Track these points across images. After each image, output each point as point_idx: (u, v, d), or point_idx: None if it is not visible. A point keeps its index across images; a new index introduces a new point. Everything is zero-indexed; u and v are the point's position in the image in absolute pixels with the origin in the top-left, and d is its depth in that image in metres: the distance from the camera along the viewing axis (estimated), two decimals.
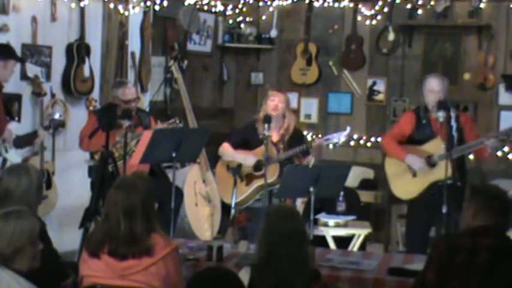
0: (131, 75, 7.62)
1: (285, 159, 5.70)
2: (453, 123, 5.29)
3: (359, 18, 8.19)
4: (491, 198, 3.54)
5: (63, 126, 6.38)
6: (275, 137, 5.76)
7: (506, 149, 7.48)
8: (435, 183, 5.53)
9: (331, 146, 5.88)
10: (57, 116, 6.15)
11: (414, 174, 5.68)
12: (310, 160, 5.81)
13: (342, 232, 6.68)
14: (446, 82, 5.71)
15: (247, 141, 5.87)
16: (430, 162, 5.60)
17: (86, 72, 7.02)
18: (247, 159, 5.77)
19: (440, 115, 5.28)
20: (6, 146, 5.68)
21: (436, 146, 5.59)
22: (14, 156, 5.72)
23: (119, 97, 6.12)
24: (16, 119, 6.28)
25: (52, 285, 3.74)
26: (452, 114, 5.46)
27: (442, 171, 5.43)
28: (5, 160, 5.66)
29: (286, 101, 5.85)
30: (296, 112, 8.52)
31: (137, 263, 3.49)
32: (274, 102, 5.78)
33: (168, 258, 3.52)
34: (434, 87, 5.63)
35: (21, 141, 5.84)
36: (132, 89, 6.30)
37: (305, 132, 8.38)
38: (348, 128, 5.78)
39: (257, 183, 5.74)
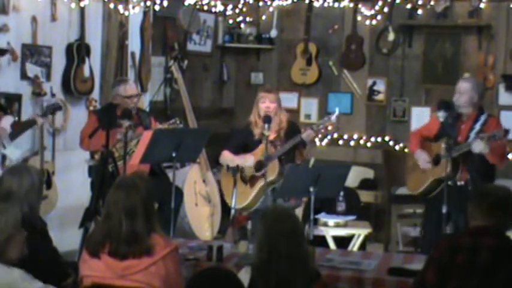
0: (131, 75, 7.61)
1: (284, 154, 5.70)
2: (478, 126, 5.39)
3: (359, 18, 8.19)
4: (495, 199, 3.54)
5: (60, 109, 6.32)
6: (271, 135, 5.73)
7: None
8: (438, 180, 5.54)
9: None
10: (51, 102, 6.14)
11: (423, 170, 5.73)
12: (310, 151, 5.80)
13: (342, 232, 6.68)
14: (475, 83, 5.74)
15: (245, 144, 5.87)
16: (437, 160, 5.63)
17: (86, 72, 7.02)
18: (246, 160, 5.77)
19: (440, 115, 5.29)
20: (3, 142, 5.67)
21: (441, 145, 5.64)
22: (13, 152, 5.71)
23: (120, 94, 6.11)
24: (16, 117, 6.28)
25: (52, 285, 3.73)
26: (482, 117, 5.57)
27: (441, 169, 5.46)
28: (4, 157, 5.65)
29: (276, 99, 5.83)
30: (296, 112, 8.54)
31: (137, 262, 3.49)
32: (265, 104, 5.77)
33: (168, 258, 3.52)
34: (461, 89, 5.67)
35: (17, 131, 5.84)
36: (133, 85, 6.32)
37: None
38: (337, 110, 5.78)
39: (261, 183, 5.73)
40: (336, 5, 8.24)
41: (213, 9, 8.47)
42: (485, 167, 5.58)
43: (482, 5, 7.71)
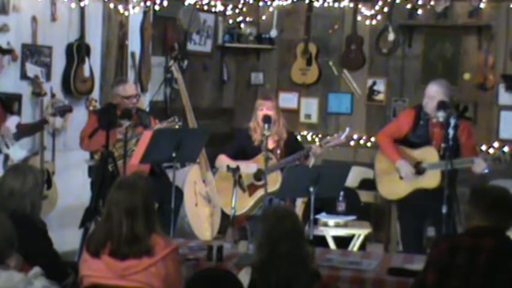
0: (131, 75, 7.62)
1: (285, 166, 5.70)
2: (451, 130, 5.13)
3: (359, 18, 8.19)
4: (493, 198, 3.54)
5: (70, 111, 6.25)
6: (270, 144, 5.67)
7: (506, 149, 7.47)
8: (420, 189, 5.52)
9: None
10: (61, 103, 6.14)
11: (401, 176, 5.66)
12: (311, 161, 5.82)
13: (342, 232, 6.68)
14: (445, 87, 5.63)
15: (243, 150, 5.85)
16: (419, 169, 5.57)
17: (86, 72, 7.02)
18: (248, 167, 5.73)
19: (440, 115, 5.26)
20: (7, 142, 5.66)
21: (427, 154, 5.56)
22: (18, 152, 5.71)
23: (119, 94, 6.11)
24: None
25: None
26: (452, 121, 5.21)
27: (429, 180, 5.44)
28: (6, 156, 5.64)
29: (274, 107, 5.80)
30: (296, 112, 8.55)
31: (137, 263, 3.49)
32: (262, 112, 5.75)
33: (167, 258, 3.52)
34: (430, 93, 5.60)
35: (23, 131, 5.84)
36: (133, 85, 6.32)
37: (305, 133, 8.42)
38: (347, 129, 5.80)
39: (260, 193, 5.69)
40: (336, 5, 8.23)
41: (213, 9, 8.47)
42: (453, 172, 5.54)
43: (482, 5, 7.71)
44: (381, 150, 5.89)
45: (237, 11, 8.65)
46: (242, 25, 8.75)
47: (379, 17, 8.11)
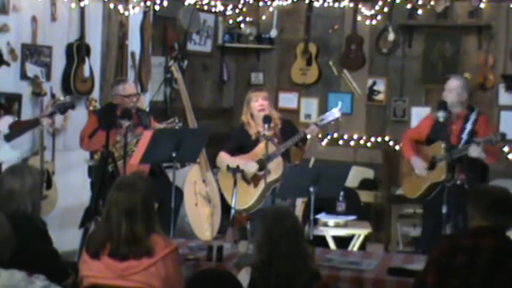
0: (131, 75, 7.62)
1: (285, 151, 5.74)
2: (469, 125, 5.46)
3: (359, 18, 8.19)
4: (493, 199, 3.54)
5: (73, 108, 6.07)
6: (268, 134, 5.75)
7: (506, 149, 7.49)
8: (435, 184, 5.56)
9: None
10: (63, 100, 6.13)
11: (419, 175, 5.80)
12: (311, 148, 5.85)
13: (342, 232, 6.68)
14: (465, 82, 5.85)
15: (241, 145, 5.89)
16: (432, 164, 5.66)
17: (86, 72, 7.02)
18: (248, 167, 5.75)
19: (440, 115, 5.28)
20: None
21: (437, 148, 5.67)
22: (7, 153, 5.67)
23: (119, 93, 6.11)
24: (16, 117, 6.27)
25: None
26: (472, 117, 5.64)
27: (439, 173, 5.47)
28: None
29: (267, 97, 5.92)
30: (296, 112, 8.55)
31: (137, 263, 3.49)
32: (258, 103, 5.80)
33: (167, 258, 3.52)
34: (450, 86, 5.76)
35: (17, 131, 5.81)
36: (132, 84, 6.32)
37: None
38: (339, 103, 5.83)
39: (264, 182, 5.73)
40: (336, 5, 8.24)
41: (213, 9, 8.47)
42: (479, 166, 5.61)
43: (482, 5, 7.71)
44: (402, 152, 6.14)
45: (237, 11, 8.66)
46: (242, 25, 8.75)
47: (379, 17, 8.11)
